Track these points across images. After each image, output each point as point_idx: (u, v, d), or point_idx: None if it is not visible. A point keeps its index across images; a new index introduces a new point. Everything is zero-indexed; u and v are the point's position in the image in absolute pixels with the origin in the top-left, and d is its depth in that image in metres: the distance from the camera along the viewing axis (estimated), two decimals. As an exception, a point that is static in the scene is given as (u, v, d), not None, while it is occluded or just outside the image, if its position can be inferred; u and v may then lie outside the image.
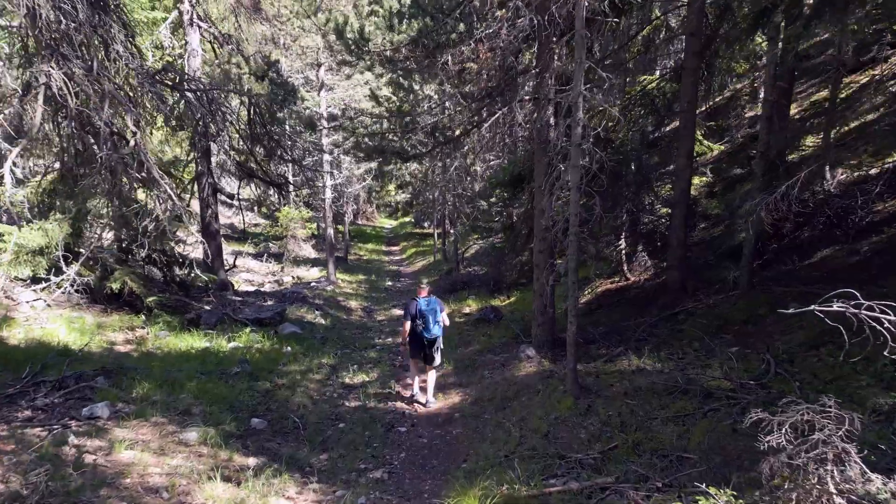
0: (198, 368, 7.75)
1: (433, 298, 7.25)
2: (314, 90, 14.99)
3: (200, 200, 12.37)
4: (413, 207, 42.84)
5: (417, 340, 7.17)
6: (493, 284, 14.43)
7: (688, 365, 6.29)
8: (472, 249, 20.71)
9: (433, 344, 7.18)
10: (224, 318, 10.73)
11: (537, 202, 7.42)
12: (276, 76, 11.32)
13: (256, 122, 12.55)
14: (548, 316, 7.72)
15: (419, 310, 7.05)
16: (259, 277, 18.52)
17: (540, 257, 7.56)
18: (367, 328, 12.11)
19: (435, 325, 7.09)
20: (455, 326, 11.16)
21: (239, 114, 12.45)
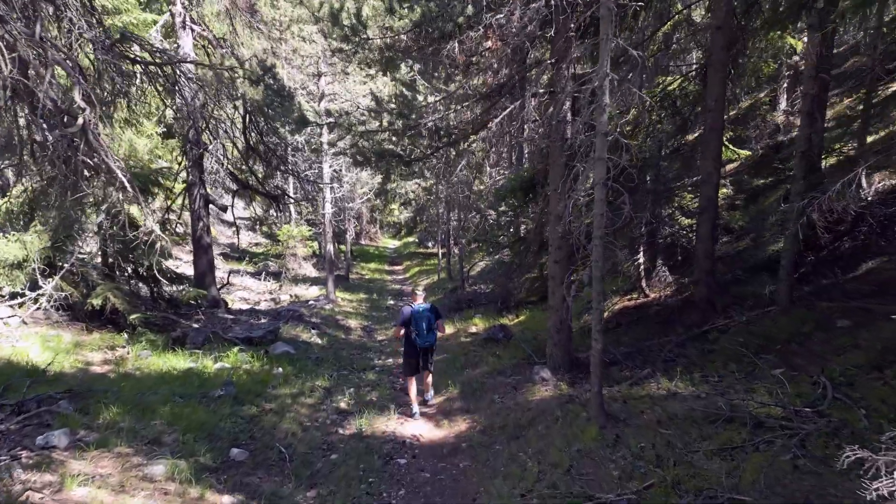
0: (176, 391, 7.05)
1: (429, 305, 7.31)
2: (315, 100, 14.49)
3: (192, 212, 11.78)
4: (417, 227, 42.36)
5: (412, 351, 7.24)
6: (501, 303, 13.72)
7: (728, 389, 5.56)
8: (477, 267, 20.04)
9: (427, 352, 7.30)
10: (212, 336, 10.05)
11: (552, 207, 6.77)
12: (272, 81, 10.79)
13: (252, 129, 12.01)
14: (564, 334, 7.01)
15: (414, 317, 7.12)
16: (255, 296, 17.87)
17: (555, 268, 6.88)
18: (367, 348, 11.39)
19: (430, 333, 7.17)
20: (460, 346, 10.44)
21: (234, 121, 11.91)
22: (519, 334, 10.06)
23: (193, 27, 11.02)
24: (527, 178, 8.03)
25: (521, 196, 8.43)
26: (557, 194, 6.63)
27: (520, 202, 8.70)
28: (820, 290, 7.34)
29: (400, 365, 9.77)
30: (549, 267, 6.97)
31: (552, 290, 6.99)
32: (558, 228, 6.69)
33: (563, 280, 6.83)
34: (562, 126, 6.52)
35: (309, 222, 28.90)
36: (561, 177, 6.53)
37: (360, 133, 7.12)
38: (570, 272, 6.80)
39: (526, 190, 8.11)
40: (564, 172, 6.52)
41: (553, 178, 6.70)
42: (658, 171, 9.32)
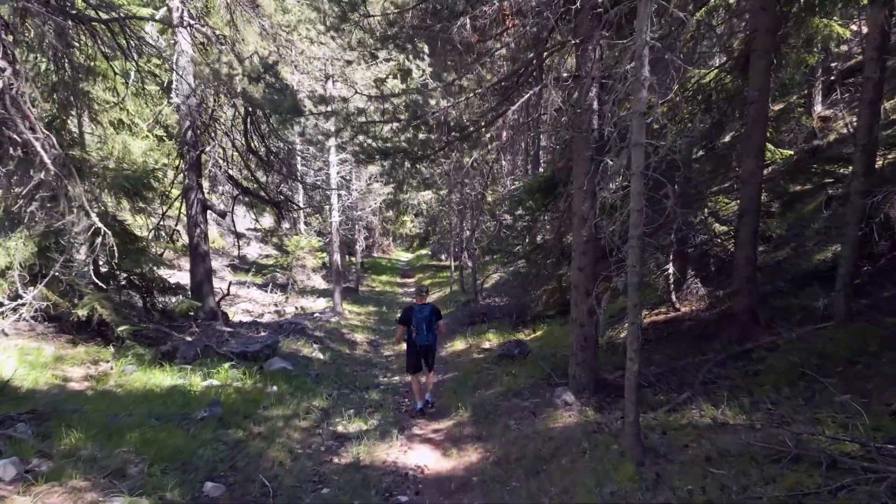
0: (155, 412, 6.36)
1: (429, 306, 7.59)
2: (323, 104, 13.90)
3: (188, 218, 11.17)
4: (429, 239, 41.70)
5: (413, 350, 7.54)
6: (517, 316, 12.94)
7: (786, 418, 4.74)
8: (491, 280, 19.26)
9: (427, 351, 7.57)
10: (205, 351, 9.37)
11: (576, 207, 6.02)
12: (273, 80, 10.19)
13: (253, 131, 11.42)
14: (590, 352, 6.22)
15: (415, 316, 7.45)
16: (260, 308, 17.23)
17: (579, 277, 6.11)
18: (372, 364, 10.65)
19: (429, 334, 7.46)
20: (472, 363, 9.67)
21: (234, 122, 11.34)
22: (536, 350, 9.27)
23: (191, 22, 10.49)
24: (547, 177, 7.28)
25: (541, 198, 7.68)
26: (582, 192, 5.89)
27: (538, 205, 7.95)
28: (880, 303, 6.51)
29: (407, 383, 9.09)
30: (572, 275, 6.21)
31: (575, 301, 6.22)
32: (583, 232, 5.94)
33: (588, 290, 6.06)
34: (587, 115, 5.79)
35: (319, 233, 28.33)
36: (586, 173, 5.79)
37: (359, 125, 6.44)
38: (596, 281, 6.04)
39: (546, 191, 7.36)
40: (590, 168, 5.78)
41: (577, 174, 5.96)
42: (689, 173, 8.54)
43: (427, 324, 7.43)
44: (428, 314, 7.47)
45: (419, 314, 7.45)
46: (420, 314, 7.45)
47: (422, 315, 7.45)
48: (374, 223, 40.14)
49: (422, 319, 7.42)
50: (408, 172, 7.30)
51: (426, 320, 7.43)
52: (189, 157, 10.90)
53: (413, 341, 7.48)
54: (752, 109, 6.79)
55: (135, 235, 10.20)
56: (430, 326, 7.45)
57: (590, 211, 5.90)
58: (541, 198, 7.63)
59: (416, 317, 7.45)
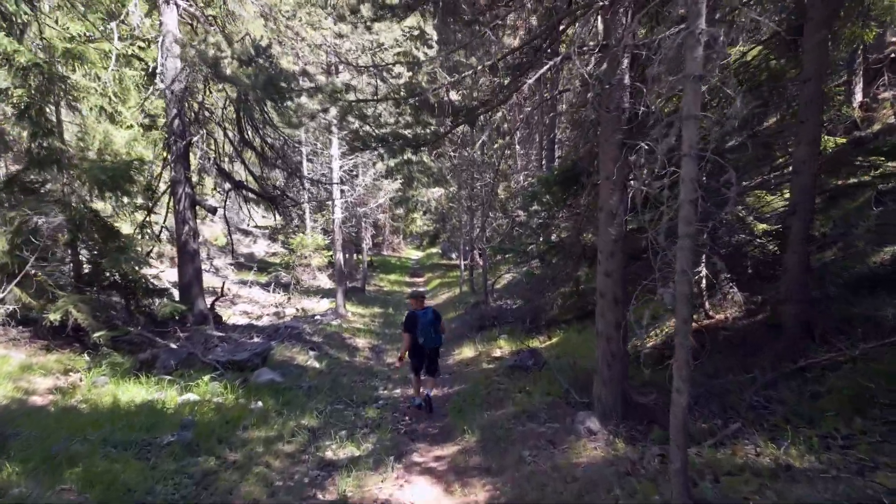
0: (115, 436, 5.57)
1: (430, 309, 7.57)
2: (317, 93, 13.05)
3: (176, 214, 10.40)
4: (440, 237, 40.84)
5: (419, 353, 7.53)
6: (530, 321, 12.05)
7: (867, 460, 3.84)
8: (503, 280, 18.38)
9: (434, 354, 7.60)
10: (189, 359, 8.60)
11: (603, 201, 5.14)
12: (267, 64, 9.37)
13: (246, 120, 10.63)
14: (618, 370, 5.34)
15: (419, 321, 7.38)
16: (260, 309, 16.47)
17: (606, 283, 5.22)
18: (372, 374, 9.81)
19: (436, 336, 7.46)
20: (482, 374, 8.81)
21: (225, 111, 10.56)
22: (553, 362, 8.39)
23: (178, 2, 9.70)
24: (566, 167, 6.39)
25: (559, 192, 6.78)
26: (610, 183, 5.00)
27: (557, 200, 7.05)
28: (961, 314, 5.58)
29: (409, 398, 8.27)
30: (598, 281, 5.32)
31: (601, 311, 5.33)
32: (611, 230, 5.05)
33: (616, 298, 5.18)
34: (617, 92, 4.90)
35: (325, 231, 27.57)
36: (615, 159, 4.91)
37: (348, 104, 5.59)
38: (626, 288, 5.15)
39: (565, 183, 6.47)
40: (620, 154, 4.90)
41: (604, 161, 5.07)
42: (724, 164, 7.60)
43: (434, 328, 7.43)
44: (431, 318, 7.44)
45: (423, 319, 7.41)
46: (424, 319, 7.41)
47: (426, 320, 7.41)
48: (383, 221, 39.42)
49: (427, 324, 7.39)
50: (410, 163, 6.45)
51: (431, 325, 7.41)
52: (176, 148, 10.13)
53: (420, 346, 7.46)
54: (807, 89, 5.86)
55: (116, 232, 9.43)
56: (436, 329, 7.46)
57: (619, 205, 5.02)
58: (559, 191, 6.74)
59: (420, 322, 7.40)
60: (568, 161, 6.77)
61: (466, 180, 15.62)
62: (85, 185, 9.27)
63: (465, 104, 5.55)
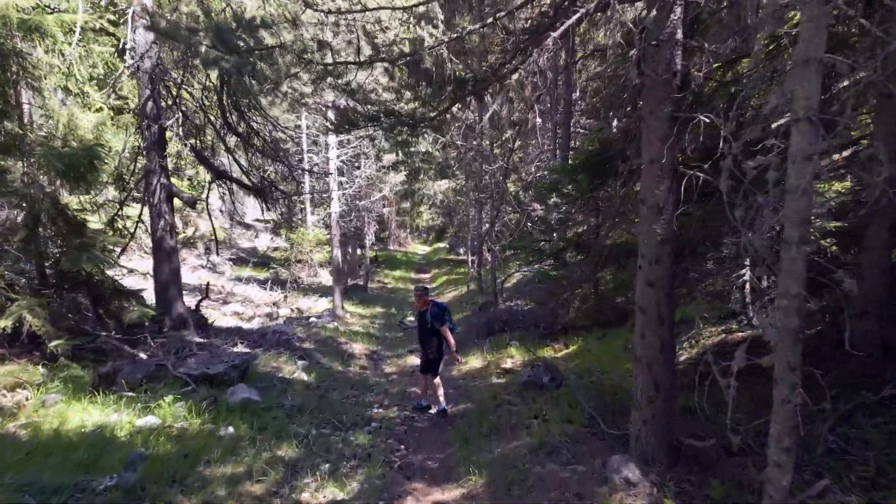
0: (41, 478, 4.57)
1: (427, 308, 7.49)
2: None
3: (150, 208, 9.41)
4: (447, 232, 39.81)
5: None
6: (544, 326, 11.01)
7: None
8: (513, 279, 17.30)
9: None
10: (157, 372, 7.62)
11: (646, 192, 4.07)
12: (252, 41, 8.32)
13: (229, 102, 9.61)
14: (662, 405, 4.28)
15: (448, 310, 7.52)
16: (253, 309, 15.50)
17: (649, 295, 4.16)
18: (367, 387, 8.79)
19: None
20: (490, 391, 7.79)
21: (206, 92, 9.54)
22: (573, 380, 7.34)
23: (151, -33, 8.67)
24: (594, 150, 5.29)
25: (586, 181, 5.68)
26: (656, 168, 3.94)
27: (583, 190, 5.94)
28: None
29: (405, 418, 7.29)
30: (638, 293, 4.26)
31: (641, 330, 4.27)
32: (656, 228, 3.99)
33: (661, 316, 4.12)
34: (666, 50, 3.82)
35: (327, 226, 26.59)
36: (663, 137, 3.85)
37: (323, 68, 4.53)
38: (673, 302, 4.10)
39: (594, 169, 5.38)
40: (670, 130, 3.83)
41: (648, 140, 4.00)
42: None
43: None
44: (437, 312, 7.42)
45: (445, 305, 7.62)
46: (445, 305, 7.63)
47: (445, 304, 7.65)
48: (388, 214, 38.45)
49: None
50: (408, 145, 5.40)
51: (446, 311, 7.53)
52: (150, 134, 9.12)
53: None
54: None
55: (81, 227, 8.44)
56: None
57: (667, 196, 3.96)
58: (585, 180, 5.64)
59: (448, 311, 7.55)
60: (594, 143, 5.67)
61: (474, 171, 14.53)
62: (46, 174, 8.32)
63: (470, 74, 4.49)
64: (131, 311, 8.39)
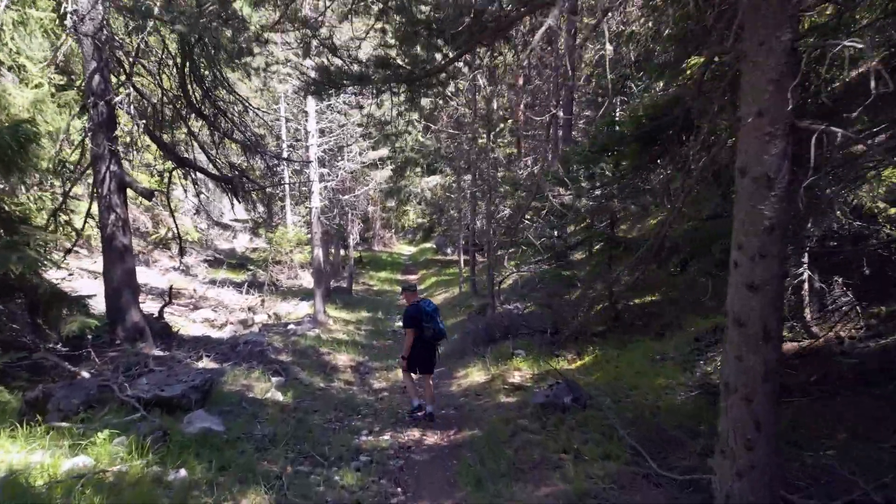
0: None
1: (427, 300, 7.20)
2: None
3: (99, 199, 8.13)
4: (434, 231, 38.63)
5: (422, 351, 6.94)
6: (552, 333, 9.88)
7: None
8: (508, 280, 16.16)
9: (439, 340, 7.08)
10: (100, 395, 6.36)
11: (745, 159, 2.94)
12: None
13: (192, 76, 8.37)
14: (764, 449, 3.15)
15: (425, 312, 6.88)
16: (225, 315, 14.19)
17: (749, 300, 3.04)
18: (354, 408, 7.59)
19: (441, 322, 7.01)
20: (500, 414, 6.64)
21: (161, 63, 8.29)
22: (600, 400, 6.21)
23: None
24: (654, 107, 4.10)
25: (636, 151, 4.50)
26: (766, 122, 2.82)
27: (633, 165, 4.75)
28: None
29: (400, 448, 6.13)
30: (732, 298, 3.14)
31: (737, 350, 3.14)
32: (763, 208, 2.87)
33: (768, 330, 3.01)
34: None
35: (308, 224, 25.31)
36: (777, 77, 2.73)
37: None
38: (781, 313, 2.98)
39: (650, 136, 4.23)
40: (789, 68, 2.72)
41: (753, 84, 2.87)
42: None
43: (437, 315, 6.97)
44: (434, 306, 7.07)
45: (427, 308, 6.93)
46: (428, 307, 6.97)
47: (430, 308, 6.97)
48: (373, 213, 37.25)
49: (433, 311, 6.94)
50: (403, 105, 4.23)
51: (435, 312, 6.97)
52: (96, 113, 7.84)
53: (425, 341, 6.91)
54: None
55: (9, 223, 7.17)
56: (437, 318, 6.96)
57: (780, 163, 2.84)
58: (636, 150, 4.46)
59: (424, 312, 6.87)
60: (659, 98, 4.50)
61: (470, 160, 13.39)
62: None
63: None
64: (71, 322, 7.12)
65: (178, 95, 8.42)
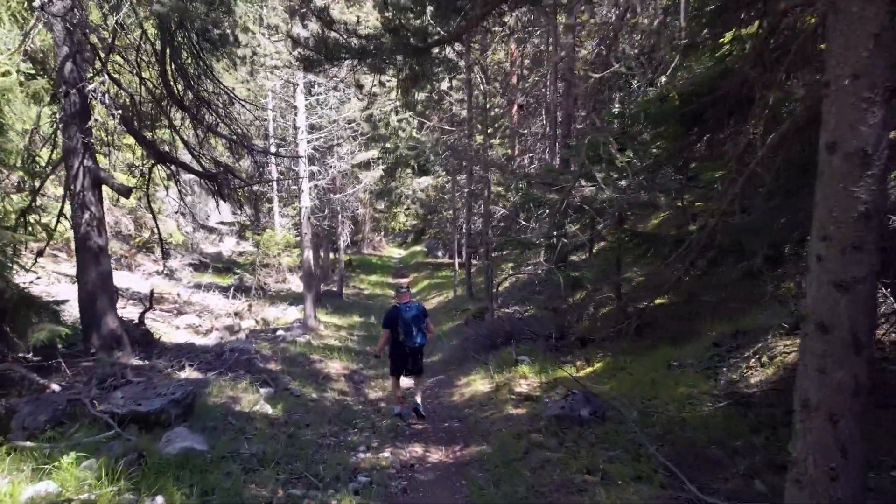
0: None
1: (415, 304, 7.12)
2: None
3: (72, 196, 7.54)
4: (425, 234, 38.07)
5: (399, 352, 6.96)
6: (557, 338, 9.39)
7: None
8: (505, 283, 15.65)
9: (417, 354, 7.01)
10: (72, 410, 5.79)
11: (840, 130, 2.45)
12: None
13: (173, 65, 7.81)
14: (851, 477, 2.65)
15: (401, 317, 6.82)
16: (210, 321, 13.56)
17: (838, 301, 2.56)
18: (350, 420, 7.03)
19: (419, 334, 6.88)
20: (510, 429, 6.13)
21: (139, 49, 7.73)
22: (623, 411, 5.71)
23: None
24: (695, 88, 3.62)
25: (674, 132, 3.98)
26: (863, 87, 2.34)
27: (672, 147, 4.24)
28: None
29: (402, 466, 5.62)
30: (815, 299, 2.65)
31: (821, 359, 2.65)
32: (856, 191, 2.39)
33: (858, 337, 2.52)
34: None
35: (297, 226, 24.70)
36: (876, 31, 2.24)
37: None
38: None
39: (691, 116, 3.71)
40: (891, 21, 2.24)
41: (846, 42, 2.39)
42: None
43: (417, 323, 6.85)
44: (416, 313, 6.89)
45: (406, 314, 6.84)
46: (407, 314, 6.84)
47: (409, 315, 6.84)
48: (363, 215, 36.63)
49: (409, 320, 6.82)
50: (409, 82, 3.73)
51: (414, 320, 6.84)
52: (69, 103, 7.26)
53: (400, 343, 6.90)
54: None
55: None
56: (419, 327, 6.88)
57: (880, 134, 2.36)
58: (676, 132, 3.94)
59: (402, 318, 6.83)
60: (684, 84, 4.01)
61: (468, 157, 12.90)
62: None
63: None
64: (38, 329, 6.51)
65: (158, 85, 7.85)
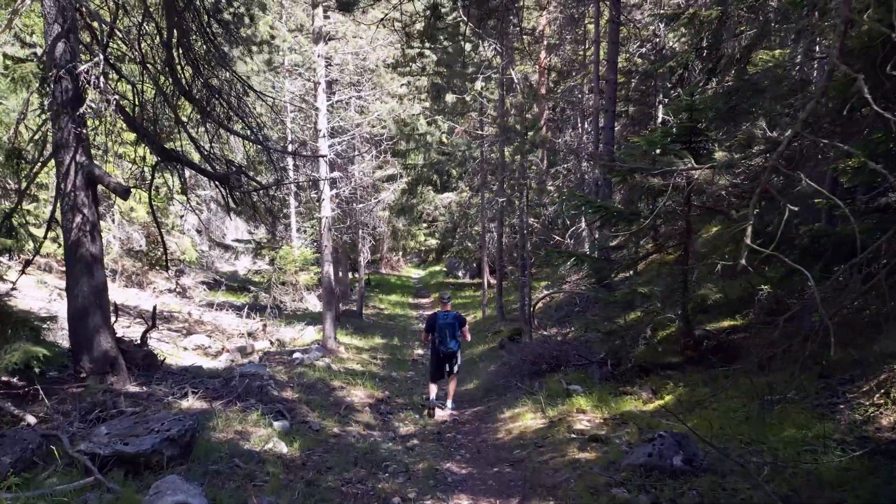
0: None
1: (452, 312, 8.06)
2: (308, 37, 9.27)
3: (62, 197, 6.63)
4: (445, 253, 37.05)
5: (437, 358, 8.06)
6: (613, 365, 8.23)
7: None
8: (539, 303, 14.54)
9: (451, 358, 7.98)
10: (45, 449, 4.79)
11: None
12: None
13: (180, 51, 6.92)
14: None
15: (437, 323, 7.87)
16: (222, 341, 12.59)
17: None
18: (379, 462, 5.92)
19: (452, 341, 7.85)
20: (578, 473, 4.99)
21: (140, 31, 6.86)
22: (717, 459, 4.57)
23: None
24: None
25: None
26: None
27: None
28: None
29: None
30: None
31: None
32: None
33: None
34: None
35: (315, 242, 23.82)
36: None
37: None
38: None
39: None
40: None
41: None
42: None
43: (451, 330, 7.81)
44: (451, 320, 7.87)
45: (442, 320, 7.83)
46: (444, 320, 7.83)
47: (445, 321, 7.82)
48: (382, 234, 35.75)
49: (444, 326, 7.79)
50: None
51: (450, 327, 7.80)
52: (59, 90, 6.38)
53: (436, 349, 7.93)
54: None
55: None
56: (453, 333, 7.83)
57: None
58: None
59: (439, 323, 7.83)
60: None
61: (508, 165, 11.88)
62: None
63: None
64: (11, 351, 5.53)
65: (164, 73, 6.97)
